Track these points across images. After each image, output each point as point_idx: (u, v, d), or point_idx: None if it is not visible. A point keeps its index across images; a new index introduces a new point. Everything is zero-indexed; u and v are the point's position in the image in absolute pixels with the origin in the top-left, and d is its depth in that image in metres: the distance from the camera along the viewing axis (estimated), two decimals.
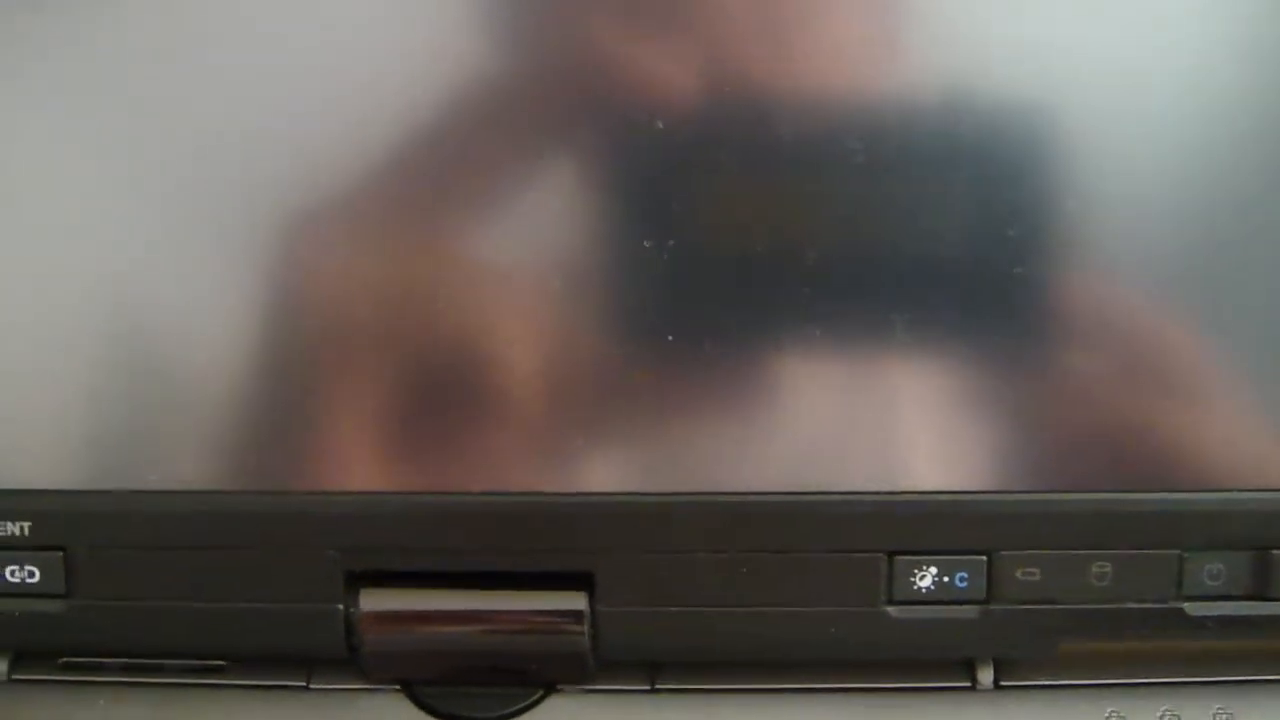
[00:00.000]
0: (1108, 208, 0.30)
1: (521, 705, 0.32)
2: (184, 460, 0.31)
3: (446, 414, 0.31)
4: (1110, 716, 0.32)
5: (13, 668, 0.34)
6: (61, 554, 0.32)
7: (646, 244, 0.29)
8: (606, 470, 0.31)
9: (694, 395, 0.31)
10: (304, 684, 0.33)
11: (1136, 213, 0.30)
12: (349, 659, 0.32)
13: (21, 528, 0.31)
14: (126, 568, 0.32)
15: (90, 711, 0.33)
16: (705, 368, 0.30)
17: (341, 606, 0.31)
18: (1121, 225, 0.30)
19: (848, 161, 0.29)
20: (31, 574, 0.32)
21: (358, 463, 0.31)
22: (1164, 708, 0.32)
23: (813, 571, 0.31)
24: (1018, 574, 0.31)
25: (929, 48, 0.29)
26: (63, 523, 0.31)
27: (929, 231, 0.30)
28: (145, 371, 0.31)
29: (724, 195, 0.30)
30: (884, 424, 0.31)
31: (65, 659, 0.33)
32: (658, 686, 0.33)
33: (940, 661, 0.33)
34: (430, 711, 0.32)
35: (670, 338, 0.30)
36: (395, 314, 0.30)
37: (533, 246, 0.30)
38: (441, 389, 0.31)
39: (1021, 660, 0.33)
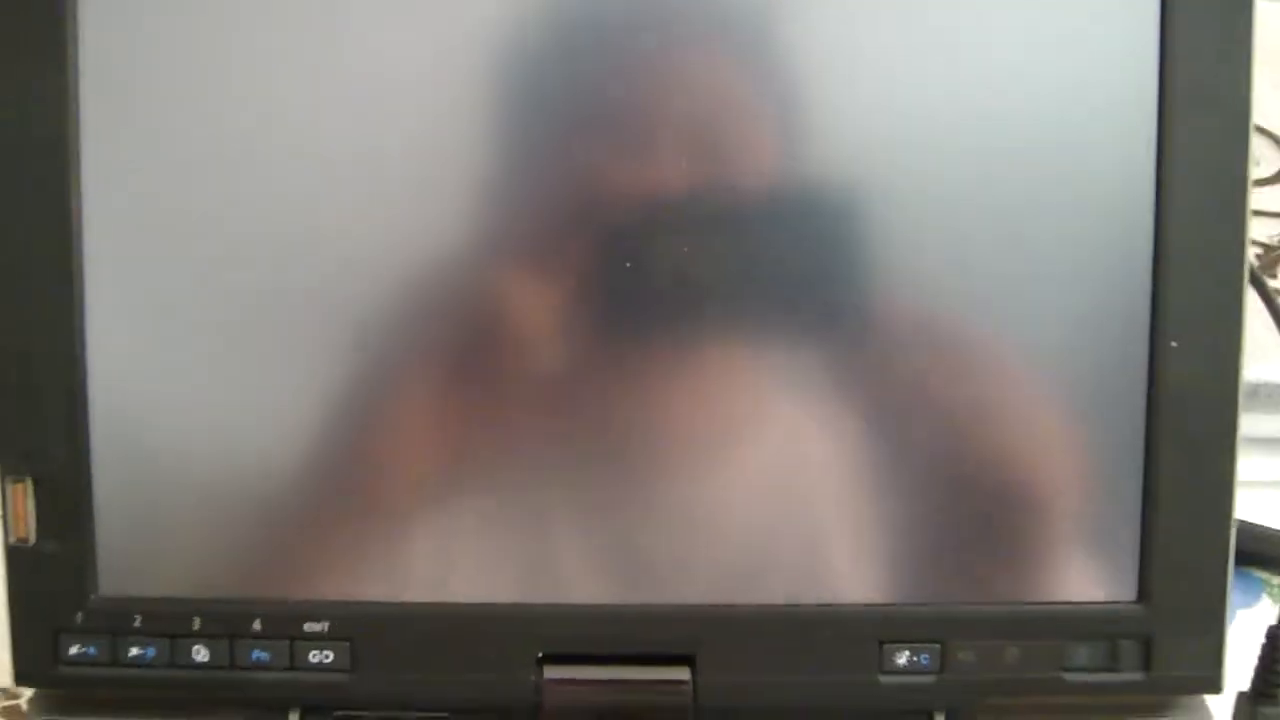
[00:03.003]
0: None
1: None
2: (434, 580, 0.49)
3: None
4: None
5: (302, 718, 0.51)
6: (349, 643, 0.49)
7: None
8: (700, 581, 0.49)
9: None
10: None
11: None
12: (534, 710, 0.50)
13: (323, 626, 0.49)
14: (393, 651, 0.49)
15: None
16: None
17: (534, 676, 0.49)
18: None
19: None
20: (328, 656, 0.49)
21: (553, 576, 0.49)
22: None
23: (828, 654, 0.49)
24: (959, 655, 0.49)
25: (810, 153, 0.46)
26: (352, 623, 0.49)
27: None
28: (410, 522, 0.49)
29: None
30: (875, 550, 0.49)
31: (340, 712, 0.51)
32: None
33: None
34: None
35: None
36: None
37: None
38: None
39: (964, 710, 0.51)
